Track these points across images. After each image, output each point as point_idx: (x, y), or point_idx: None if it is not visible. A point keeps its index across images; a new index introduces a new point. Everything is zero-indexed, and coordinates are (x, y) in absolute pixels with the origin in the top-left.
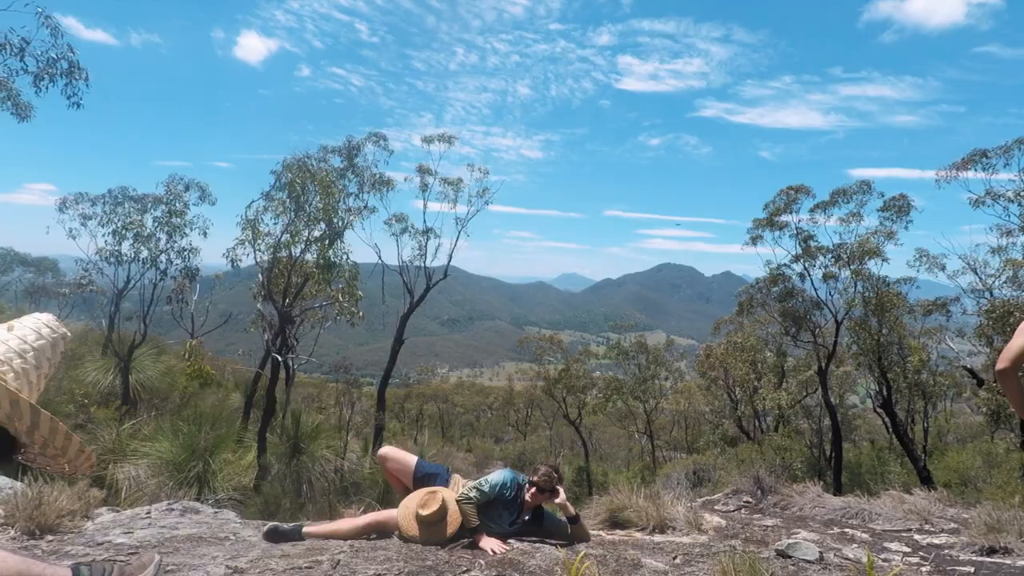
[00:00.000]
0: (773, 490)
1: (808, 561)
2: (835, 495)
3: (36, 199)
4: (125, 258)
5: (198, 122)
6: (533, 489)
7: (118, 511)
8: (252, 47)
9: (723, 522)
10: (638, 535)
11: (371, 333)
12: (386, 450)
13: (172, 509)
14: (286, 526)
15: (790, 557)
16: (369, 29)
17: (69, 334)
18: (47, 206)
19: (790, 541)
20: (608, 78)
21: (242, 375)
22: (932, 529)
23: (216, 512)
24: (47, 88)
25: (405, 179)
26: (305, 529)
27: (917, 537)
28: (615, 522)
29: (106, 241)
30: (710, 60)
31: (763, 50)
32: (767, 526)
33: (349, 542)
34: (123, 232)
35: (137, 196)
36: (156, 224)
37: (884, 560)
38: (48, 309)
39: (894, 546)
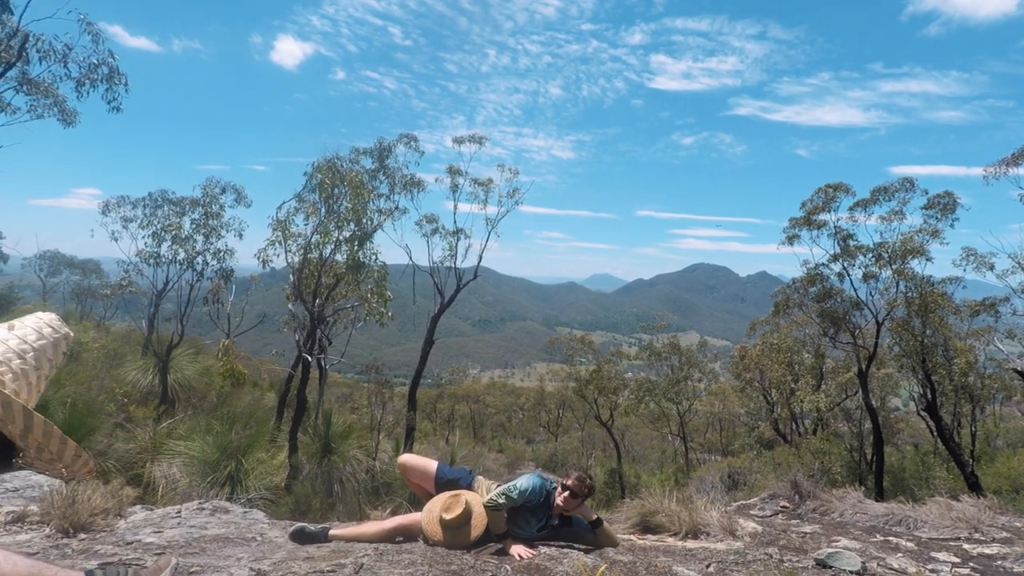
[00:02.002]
0: (812, 495)
1: (850, 572)
2: (877, 500)
3: (83, 203)
4: (163, 259)
5: (236, 126)
6: (566, 493)
7: (152, 509)
8: (288, 51)
9: (759, 528)
10: (670, 540)
11: (403, 333)
12: (405, 458)
13: (203, 508)
14: (313, 528)
15: (830, 567)
16: (402, 32)
17: (72, 335)
18: (92, 210)
19: (830, 550)
20: (640, 77)
21: (277, 375)
22: (982, 538)
23: (245, 512)
24: (88, 93)
25: (436, 180)
26: (331, 532)
27: (967, 547)
28: (647, 527)
29: (146, 243)
30: (745, 58)
31: (800, 47)
32: (806, 533)
33: (374, 545)
34: (162, 234)
35: (176, 199)
36: (194, 226)
37: (932, 571)
38: (93, 310)
39: (942, 556)
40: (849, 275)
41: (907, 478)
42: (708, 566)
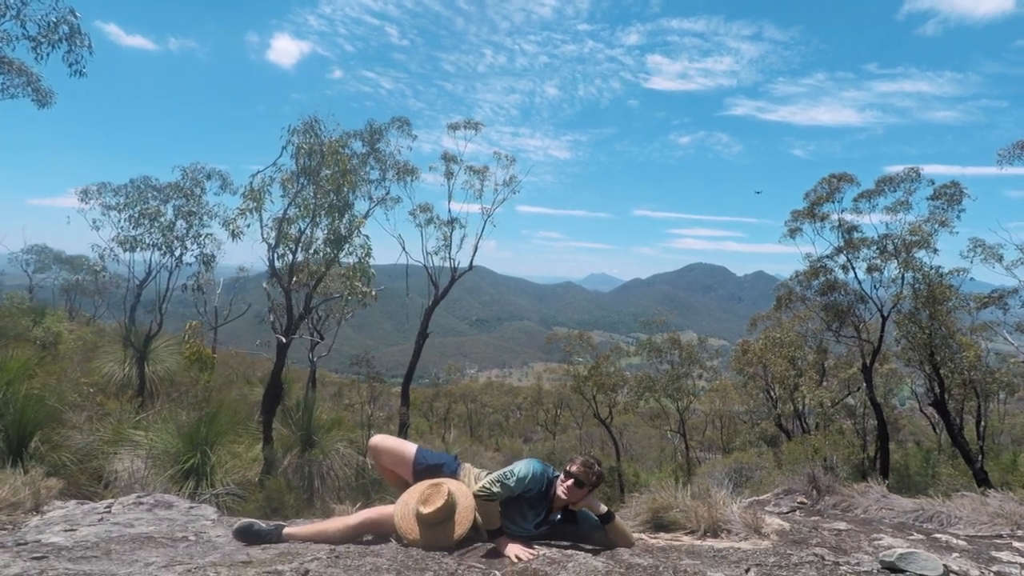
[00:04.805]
0: (831, 490)
1: None
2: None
3: (78, 202)
4: (140, 243)
5: (233, 125)
6: (570, 481)
7: (84, 503)
8: (285, 50)
9: (786, 525)
10: (687, 539)
11: (401, 334)
12: (377, 439)
13: (140, 503)
14: (263, 525)
15: (903, 572)
16: (399, 32)
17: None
18: (86, 209)
19: (901, 551)
20: (637, 78)
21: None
22: None
23: (191, 508)
24: (47, 55)
25: (430, 168)
26: (286, 530)
27: (1018, 545)
28: (659, 524)
29: (121, 228)
30: (740, 58)
31: (795, 47)
32: (839, 530)
33: (331, 547)
34: (139, 219)
35: (159, 186)
36: (176, 212)
37: (997, 574)
38: (82, 306)
39: (1004, 556)
40: (853, 268)
41: (912, 475)
42: (747, 570)
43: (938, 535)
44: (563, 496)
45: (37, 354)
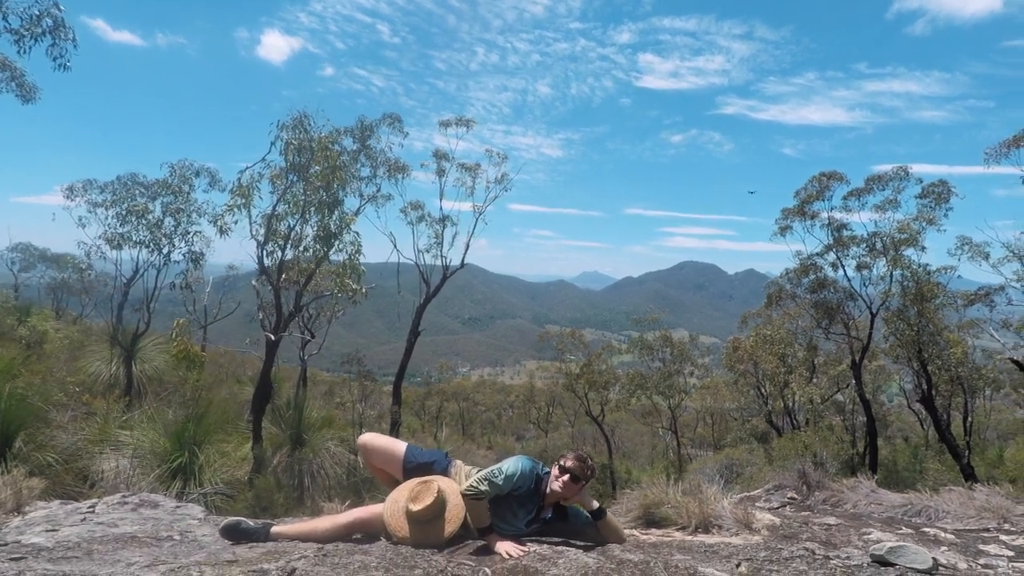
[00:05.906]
0: (821, 485)
1: (920, 571)
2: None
3: (63, 200)
4: (127, 241)
5: (222, 122)
6: (565, 477)
7: (67, 503)
8: (275, 46)
9: (776, 520)
10: (678, 535)
11: (392, 331)
12: (366, 438)
13: (125, 502)
14: (251, 523)
15: (893, 565)
16: (391, 30)
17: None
18: (72, 206)
19: (891, 544)
20: (629, 76)
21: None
22: (1014, 529)
23: (177, 507)
24: (30, 48)
25: (422, 165)
26: (274, 529)
27: (1005, 538)
28: (650, 520)
29: (108, 225)
30: (732, 57)
31: (786, 47)
32: (829, 525)
33: (319, 545)
34: (126, 216)
35: (147, 183)
36: (164, 209)
37: (984, 566)
38: (69, 305)
39: (992, 549)
40: (843, 265)
41: (900, 470)
42: (737, 565)
43: (926, 529)
44: (558, 491)
45: (22, 353)
